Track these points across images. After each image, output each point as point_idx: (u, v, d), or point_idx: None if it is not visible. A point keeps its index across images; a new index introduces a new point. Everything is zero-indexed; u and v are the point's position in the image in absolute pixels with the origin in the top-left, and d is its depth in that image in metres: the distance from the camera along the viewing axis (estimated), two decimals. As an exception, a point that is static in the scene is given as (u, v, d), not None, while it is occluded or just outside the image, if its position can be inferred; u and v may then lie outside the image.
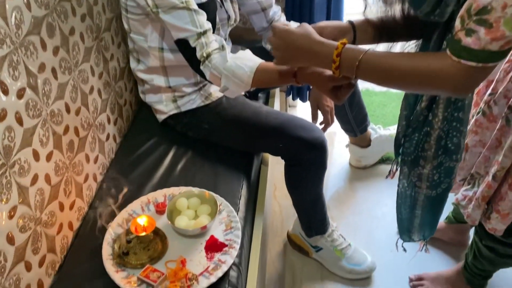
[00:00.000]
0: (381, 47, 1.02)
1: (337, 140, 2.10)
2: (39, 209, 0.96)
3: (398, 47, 1.01)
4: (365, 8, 0.94)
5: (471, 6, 0.69)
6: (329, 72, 0.94)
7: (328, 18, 1.97)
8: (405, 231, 1.18)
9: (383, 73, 0.81)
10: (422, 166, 0.98)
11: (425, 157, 0.97)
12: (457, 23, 0.72)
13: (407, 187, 1.06)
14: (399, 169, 1.07)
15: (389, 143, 1.88)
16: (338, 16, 1.99)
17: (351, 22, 1.03)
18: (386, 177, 1.15)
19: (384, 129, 1.92)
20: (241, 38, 1.80)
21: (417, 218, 1.11)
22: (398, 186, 1.10)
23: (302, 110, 2.29)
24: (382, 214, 1.76)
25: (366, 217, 1.76)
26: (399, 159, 1.06)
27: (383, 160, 1.95)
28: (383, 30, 0.99)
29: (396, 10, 0.94)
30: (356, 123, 1.76)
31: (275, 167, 1.74)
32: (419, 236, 1.18)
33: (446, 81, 0.74)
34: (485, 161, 1.07)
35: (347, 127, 1.80)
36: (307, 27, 0.91)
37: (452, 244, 1.61)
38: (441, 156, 0.96)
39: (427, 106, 0.94)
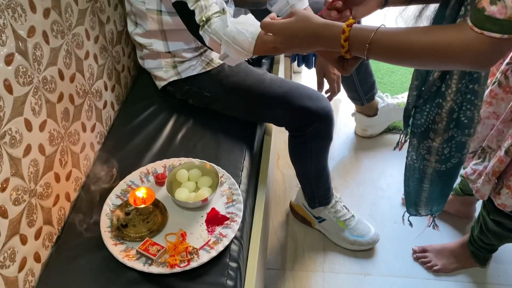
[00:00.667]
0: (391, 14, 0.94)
1: (342, 109, 2.05)
2: (33, 181, 0.92)
3: (411, 14, 0.93)
4: None
5: None
6: None
7: None
8: (412, 204, 1.15)
9: (397, 52, 0.75)
10: (432, 139, 0.93)
11: (436, 130, 0.92)
12: None
13: (416, 160, 1.02)
14: (408, 140, 1.03)
15: (397, 112, 1.83)
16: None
17: None
18: (394, 148, 1.10)
19: (392, 97, 1.86)
20: (245, 1, 1.71)
21: (424, 192, 1.08)
22: (407, 158, 1.06)
23: (307, 77, 2.22)
24: (386, 185, 1.73)
25: (370, 187, 1.73)
26: (409, 130, 1.01)
27: (389, 130, 1.91)
28: None
29: None
30: (363, 92, 1.70)
31: (278, 136, 1.70)
32: (426, 211, 1.15)
33: (467, 55, 0.68)
34: (498, 134, 1.02)
35: (354, 95, 1.74)
36: (303, 12, 0.84)
37: (457, 216, 1.59)
38: (452, 130, 0.91)
39: (440, 76, 0.88)
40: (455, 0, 0.79)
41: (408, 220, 1.22)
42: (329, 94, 1.45)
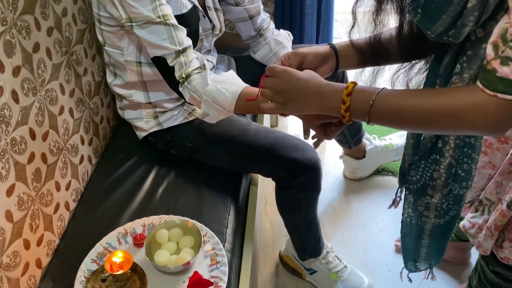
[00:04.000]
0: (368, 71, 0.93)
1: (330, 150, 2.01)
2: (-1, 252, 0.85)
3: (385, 72, 0.92)
4: (353, 27, 0.84)
5: (507, 30, 0.59)
6: None
7: (318, 21, 1.88)
8: (411, 260, 1.09)
9: (402, 115, 0.71)
10: (431, 195, 0.89)
11: (434, 186, 0.87)
12: (489, 50, 0.62)
13: (413, 217, 0.97)
14: (403, 198, 0.98)
15: (385, 154, 1.80)
16: (328, 18, 1.90)
17: (332, 47, 0.94)
18: (390, 206, 1.06)
19: (379, 139, 1.83)
20: (229, 45, 1.69)
21: (423, 248, 1.02)
22: (403, 215, 1.01)
23: (293, 120, 2.19)
24: (378, 230, 1.67)
25: (362, 233, 1.67)
26: (403, 188, 0.96)
27: (378, 172, 1.87)
28: (370, 53, 0.90)
29: (388, 29, 0.84)
30: (350, 135, 1.66)
31: (265, 180, 1.64)
32: (425, 265, 1.09)
33: (480, 120, 0.64)
34: (496, 186, 0.98)
35: (341, 138, 1.70)
36: (311, 71, 0.82)
37: (453, 263, 1.53)
38: (450, 184, 0.86)
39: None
40: (449, 57, 0.76)
41: (408, 277, 1.16)
42: (315, 140, 1.41)
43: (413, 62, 0.86)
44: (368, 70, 0.94)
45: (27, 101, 0.94)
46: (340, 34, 2.43)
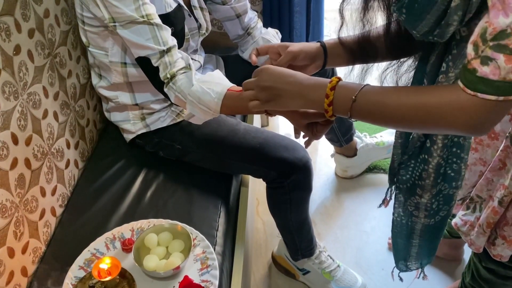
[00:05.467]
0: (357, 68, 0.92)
1: (321, 148, 2.00)
2: (-19, 262, 0.82)
3: (374, 70, 0.91)
4: (341, 26, 0.83)
5: (486, 30, 0.58)
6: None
7: (308, 19, 1.86)
8: (402, 260, 1.08)
9: (384, 112, 0.70)
10: (420, 195, 0.88)
11: (423, 186, 0.86)
12: (469, 50, 0.61)
13: (403, 216, 0.96)
14: (393, 197, 0.97)
15: (376, 151, 1.79)
16: (319, 16, 1.88)
17: (322, 45, 0.93)
18: (380, 205, 1.05)
19: (370, 136, 1.82)
20: (216, 44, 1.67)
21: (414, 247, 1.01)
22: (393, 214, 1.00)
23: (284, 119, 2.16)
24: (371, 228, 1.67)
25: (354, 232, 1.66)
26: (393, 188, 0.95)
27: (370, 169, 1.86)
28: (358, 51, 0.89)
29: (376, 28, 0.84)
30: (341, 133, 1.65)
31: (257, 181, 1.62)
32: (416, 265, 1.08)
33: (460, 119, 0.63)
34: (487, 183, 0.98)
35: (332, 137, 1.69)
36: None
37: (446, 260, 1.52)
38: (440, 184, 0.85)
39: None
40: (435, 56, 0.75)
41: (399, 276, 1.15)
42: (306, 139, 1.40)
43: (402, 60, 0.85)
44: (357, 68, 0.93)
45: (8, 105, 0.92)
46: (329, 32, 2.42)
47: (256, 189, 1.69)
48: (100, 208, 1.14)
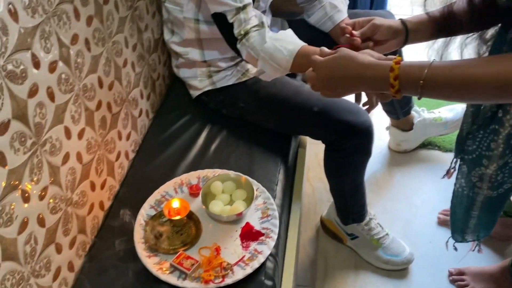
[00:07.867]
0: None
1: (375, 121, 1.98)
2: (70, 189, 0.92)
3: (457, 40, 0.90)
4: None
5: None
6: None
7: (372, 3, 1.83)
8: (458, 231, 1.09)
9: (457, 87, 0.69)
10: (486, 166, 0.88)
11: (490, 156, 0.87)
12: None
13: (465, 187, 0.97)
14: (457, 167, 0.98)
15: (433, 127, 1.77)
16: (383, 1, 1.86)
17: (403, 22, 0.94)
18: (443, 177, 1.05)
19: (428, 112, 1.80)
20: (281, 9, 1.69)
21: (473, 219, 1.02)
22: (455, 185, 1.01)
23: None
24: (421, 202, 1.67)
25: (404, 204, 1.67)
26: (458, 158, 0.96)
27: (424, 145, 1.84)
28: (443, 24, 0.88)
29: None
30: (399, 106, 1.65)
31: (308, 147, 1.66)
32: (473, 237, 1.09)
33: None
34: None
35: (390, 109, 1.69)
36: (346, 51, 0.79)
37: (497, 238, 1.51)
38: (508, 156, 0.86)
39: None
40: None
41: (454, 246, 1.16)
42: (366, 107, 1.41)
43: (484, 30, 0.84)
44: (439, 41, 0.92)
45: (97, 50, 0.99)
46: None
47: (307, 155, 1.72)
48: (168, 156, 1.22)
